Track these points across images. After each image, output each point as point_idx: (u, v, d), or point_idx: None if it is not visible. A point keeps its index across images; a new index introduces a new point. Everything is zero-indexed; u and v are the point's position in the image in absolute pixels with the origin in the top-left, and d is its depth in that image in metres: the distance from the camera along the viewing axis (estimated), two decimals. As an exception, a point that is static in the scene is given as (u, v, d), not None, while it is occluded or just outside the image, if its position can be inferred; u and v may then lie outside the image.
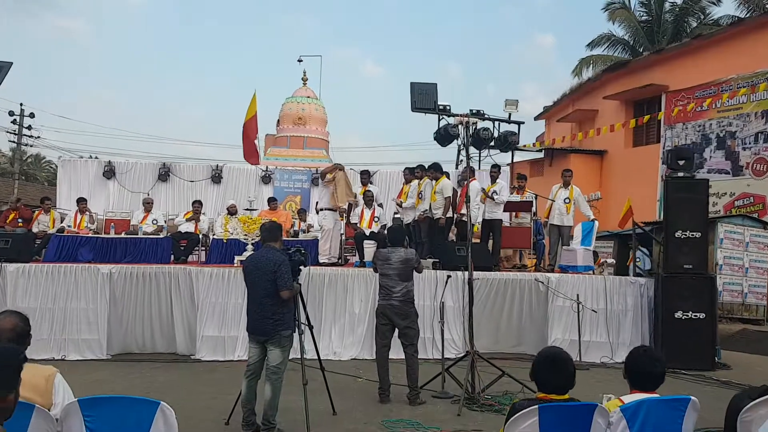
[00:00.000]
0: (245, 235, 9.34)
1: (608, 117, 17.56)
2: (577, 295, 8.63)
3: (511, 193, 10.85)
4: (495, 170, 10.45)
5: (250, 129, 14.17)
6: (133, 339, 8.82)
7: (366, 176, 10.88)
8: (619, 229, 10.54)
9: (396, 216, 10.93)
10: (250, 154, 13.31)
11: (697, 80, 15.17)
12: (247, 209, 9.79)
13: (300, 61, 23.41)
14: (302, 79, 23.09)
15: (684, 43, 16.20)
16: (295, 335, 5.34)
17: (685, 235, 8.76)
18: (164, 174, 15.16)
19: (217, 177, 15.32)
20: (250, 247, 9.09)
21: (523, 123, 6.63)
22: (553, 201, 10.31)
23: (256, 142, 14.27)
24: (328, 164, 10.97)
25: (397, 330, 6.27)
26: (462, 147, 15.44)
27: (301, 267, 5.52)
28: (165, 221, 11.82)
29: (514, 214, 10.98)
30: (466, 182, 9.76)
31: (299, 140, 21.90)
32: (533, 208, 10.59)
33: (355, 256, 10.63)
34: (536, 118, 22.33)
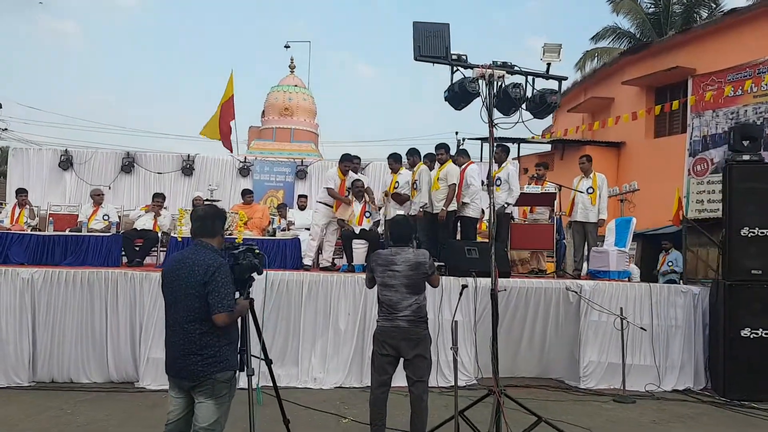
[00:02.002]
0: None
1: (626, 105, 15.84)
2: (621, 308, 6.87)
3: (529, 184, 9.11)
4: (500, 151, 8.62)
5: (226, 112, 12.50)
6: (61, 361, 7.02)
7: (357, 163, 9.08)
8: (673, 225, 8.76)
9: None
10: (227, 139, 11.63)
11: (729, 62, 13.42)
12: (209, 200, 7.97)
13: (287, 47, 21.62)
14: (289, 66, 21.29)
15: (714, 20, 14.51)
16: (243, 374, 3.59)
17: (753, 233, 7.03)
18: (128, 165, 13.40)
19: (188, 168, 13.55)
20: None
21: (565, 78, 4.87)
22: (578, 191, 8.60)
23: (232, 124, 12.57)
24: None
25: (402, 360, 4.50)
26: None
27: (254, 275, 3.76)
28: (119, 217, 10.04)
29: (530, 208, 9.20)
30: (461, 168, 8.11)
31: (286, 132, 20.11)
32: (556, 201, 8.78)
33: (342, 258, 8.84)
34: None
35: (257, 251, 3.75)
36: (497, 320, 4.69)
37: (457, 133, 20.21)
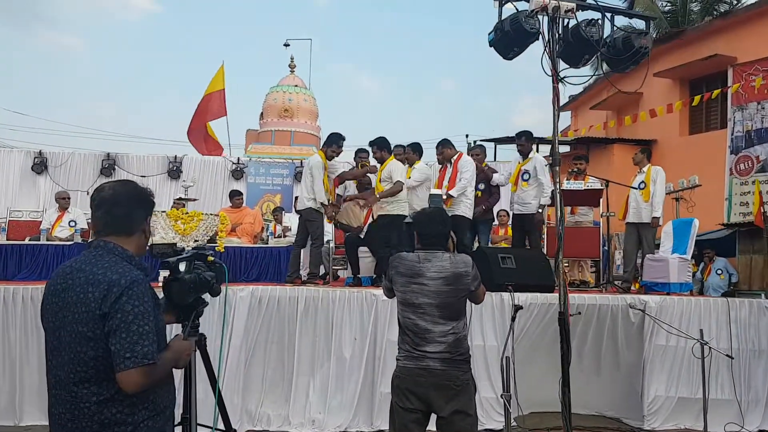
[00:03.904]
0: (181, 237, 6.20)
1: (656, 100, 14.44)
2: (701, 330, 5.44)
3: (568, 179, 7.72)
4: (525, 140, 7.37)
5: (209, 107, 11.21)
6: (8, 399, 5.65)
7: (365, 156, 7.72)
8: (723, 229, 7.40)
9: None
10: (199, 141, 10.36)
11: (775, 48, 12.08)
12: (181, 199, 6.60)
13: (287, 45, 20.44)
14: (289, 66, 20.05)
15: (757, 3, 13.11)
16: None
17: None
18: (108, 167, 12.09)
19: (175, 171, 12.24)
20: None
21: (654, 18, 3.51)
22: (631, 188, 7.26)
23: (223, 120, 11.31)
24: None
25: (435, 418, 3.09)
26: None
27: (207, 297, 2.37)
28: (88, 223, 8.70)
29: (570, 209, 7.80)
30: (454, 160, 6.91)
31: (285, 135, 18.84)
32: (602, 199, 7.37)
33: (346, 269, 7.48)
34: (560, 110, 19.25)
35: (211, 259, 2.37)
36: (569, 356, 3.26)
37: (467, 135, 18.90)
